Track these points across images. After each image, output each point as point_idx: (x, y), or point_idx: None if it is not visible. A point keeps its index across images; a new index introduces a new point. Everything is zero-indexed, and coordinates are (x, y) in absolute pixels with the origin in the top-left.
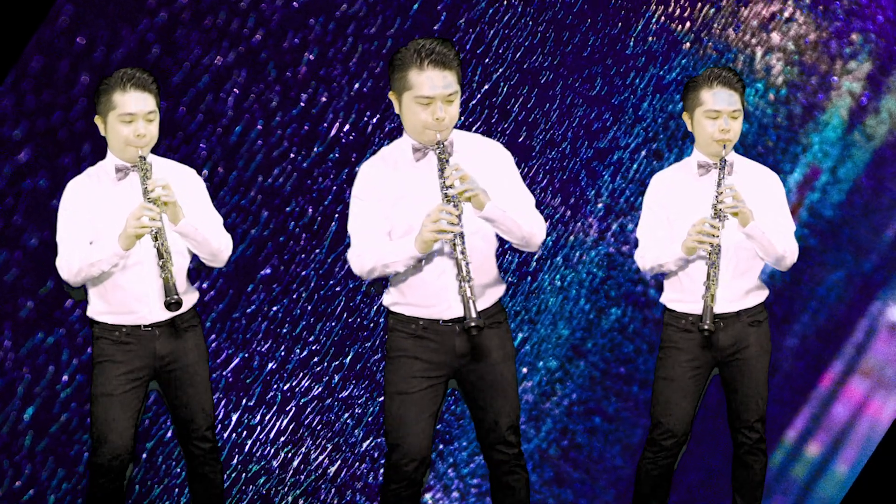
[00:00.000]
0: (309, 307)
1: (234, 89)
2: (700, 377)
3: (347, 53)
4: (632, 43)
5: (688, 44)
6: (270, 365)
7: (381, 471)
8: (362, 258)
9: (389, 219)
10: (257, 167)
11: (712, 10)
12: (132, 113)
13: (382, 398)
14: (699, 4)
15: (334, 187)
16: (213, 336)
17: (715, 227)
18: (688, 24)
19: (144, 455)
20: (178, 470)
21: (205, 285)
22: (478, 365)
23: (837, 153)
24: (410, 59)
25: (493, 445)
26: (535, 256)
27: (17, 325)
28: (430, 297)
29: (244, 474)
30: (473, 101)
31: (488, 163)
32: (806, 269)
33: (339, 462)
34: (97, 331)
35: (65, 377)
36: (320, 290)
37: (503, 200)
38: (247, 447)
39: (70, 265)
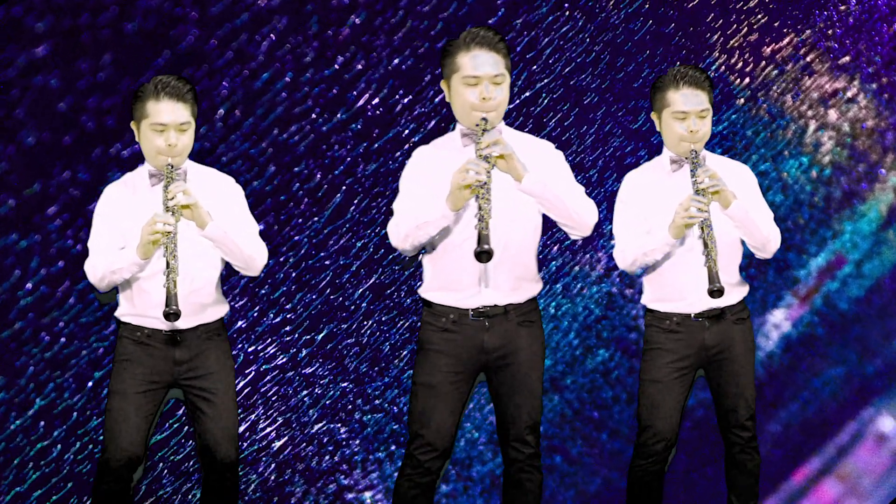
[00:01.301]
0: (294, 273)
1: (271, 35)
2: (686, 378)
3: (395, 26)
4: None
5: (742, 100)
6: (240, 323)
7: (328, 456)
8: (399, 226)
9: (434, 201)
10: (275, 119)
11: (775, 71)
12: (164, 123)
13: (408, 389)
14: (763, 63)
15: (348, 158)
16: None
17: (701, 201)
18: (747, 79)
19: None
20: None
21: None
22: (505, 361)
23: (867, 247)
24: (460, 43)
25: (509, 442)
26: None
27: None
28: (463, 281)
29: (186, 426)
30: (510, 106)
31: (538, 158)
32: (806, 357)
33: (285, 438)
34: (121, 330)
35: (28, 285)
36: (309, 259)
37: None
38: None
39: (95, 271)
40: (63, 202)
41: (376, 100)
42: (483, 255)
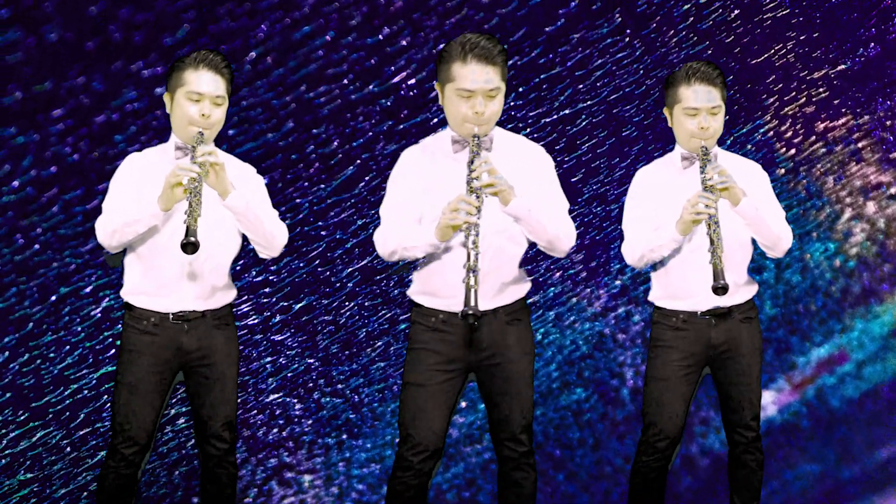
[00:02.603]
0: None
1: None
2: (692, 376)
3: (449, 10)
4: (729, 141)
5: (783, 170)
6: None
7: (277, 429)
8: (386, 239)
9: (421, 206)
10: (306, 75)
11: (823, 149)
12: (201, 93)
13: (398, 388)
14: (813, 138)
15: (370, 133)
16: None
17: (709, 198)
18: (792, 150)
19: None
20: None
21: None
22: (495, 360)
23: (873, 350)
24: (455, 51)
25: (502, 441)
26: (530, 301)
27: None
28: (450, 287)
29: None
30: (547, 119)
31: (527, 164)
32: (784, 446)
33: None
34: (127, 318)
35: (15, 182)
36: (306, 225)
37: (535, 202)
38: None
39: (106, 225)
40: (71, 107)
41: (412, 80)
42: (470, 316)
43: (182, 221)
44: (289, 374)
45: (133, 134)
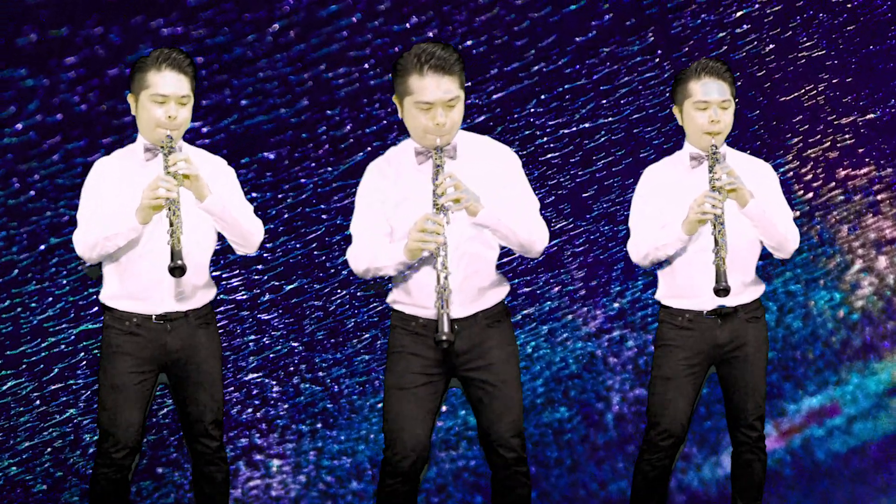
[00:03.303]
0: (286, 215)
1: None
2: (697, 375)
3: (481, 7)
4: None
5: (798, 212)
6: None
7: (251, 409)
8: (358, 258)
9: (390, 221)
10: (327, 55)
11: (841, 196)
12: (165, 94)
13: (382, 394)
14: (833, 184)
15: (384, 121)
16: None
17: (716, 198)
18: (810, 194)
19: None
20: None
21: (205, 135)
22: (477, 364)
23: (866, 407)
24: (411, 64)
25: (491, 447)
26: (524, 312)
27: None
28: (427, 296)
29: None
30: (565, 131)
31: (494, 166)
32: (763, 492)
33: None
34: (108, 319)
35: (19, 125)
36: (308, 206)
37: (505, 205)
38: None
39: (86, 239)
40: (85, 56)
41: None
42: (444, 342)
43: (161, 228)
44: (271, 356)
45: None
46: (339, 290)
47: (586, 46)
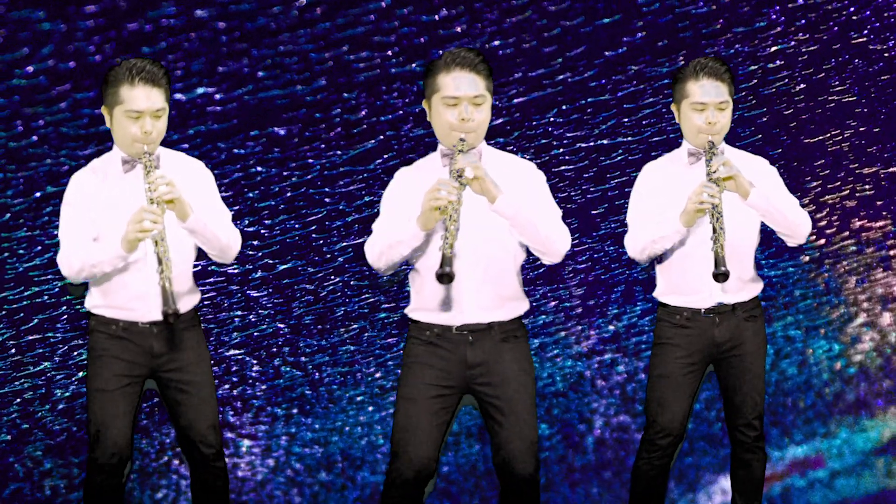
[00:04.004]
0: (289, 192)
1: None
2: (695, 374)
3: (513, 9)
4: None
5: (807, 257)
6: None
7: (228, 385)
8: (374, 245)
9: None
10: (351, 36)
11: (854, 247)
12: (139, 110)
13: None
14: (846, 233)
15: (401, 111)
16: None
17: (713, 188)
18: (822, 241)
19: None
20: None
21: (217, 102)
22: (489, 380)
23: (851, 463)
24: (439, 64)
25: (501, 467)
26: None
27: None
28: (442, 301)
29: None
30: (583, 144)
31: (517, 181)
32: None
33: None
34: (93, 323)
35: (30, 67)
36: (312, 187)
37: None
38: None
39: (71, 263)
40: (105, 7)
41: None
42: (444, 277)
43: (146, 241)
44: (255, 334)
45: (162, 50)
46: (332, 277)
47: (615, 62)
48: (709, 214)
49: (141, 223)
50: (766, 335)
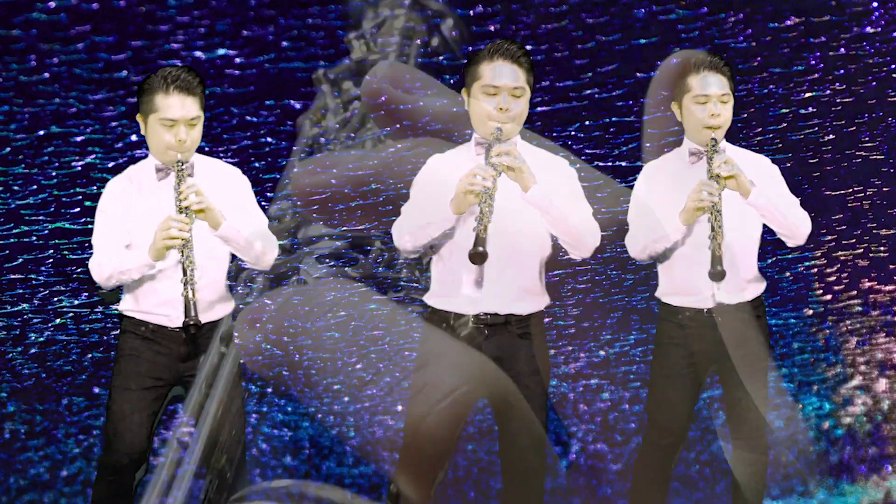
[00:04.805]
0: (295, 168)
1: None
2: (697, 374)
3: (550, 15)
4: (770, 260)
5: (810, 311)
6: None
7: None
8: (402, 225)
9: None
10: (382, 21)
11: (859, 308)
12: (174, 118)
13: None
14: (854, 292)
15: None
16: None
17: (713, 187)
18: (829, 296)
19: None
20: None
21: (237, 66)
22: (505, 373)
23: None
24: (482, 53)
25: (507, 461)
26: None
27: None
28: (460, 283)
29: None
30: (600, 163)
31: (550, 176)
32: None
33: None
34: (125, 325)
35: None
36: (321, 165)
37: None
38: None
39: (102, 269)
40: None
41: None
42: (477, 256)
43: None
44: (241, 306)
45: (189, 5)
46: (327, 260)
47: (645, 84)
48: (709, 213)
49: (168, 230)
50: (770, 334)
